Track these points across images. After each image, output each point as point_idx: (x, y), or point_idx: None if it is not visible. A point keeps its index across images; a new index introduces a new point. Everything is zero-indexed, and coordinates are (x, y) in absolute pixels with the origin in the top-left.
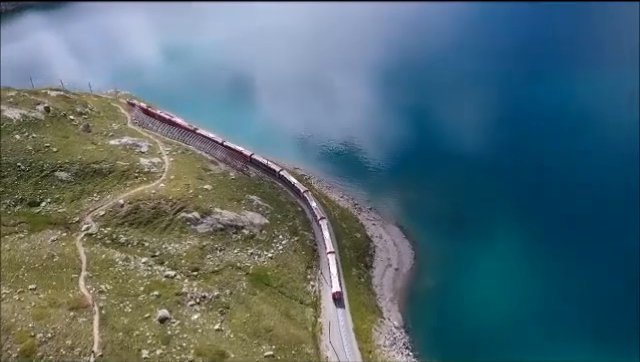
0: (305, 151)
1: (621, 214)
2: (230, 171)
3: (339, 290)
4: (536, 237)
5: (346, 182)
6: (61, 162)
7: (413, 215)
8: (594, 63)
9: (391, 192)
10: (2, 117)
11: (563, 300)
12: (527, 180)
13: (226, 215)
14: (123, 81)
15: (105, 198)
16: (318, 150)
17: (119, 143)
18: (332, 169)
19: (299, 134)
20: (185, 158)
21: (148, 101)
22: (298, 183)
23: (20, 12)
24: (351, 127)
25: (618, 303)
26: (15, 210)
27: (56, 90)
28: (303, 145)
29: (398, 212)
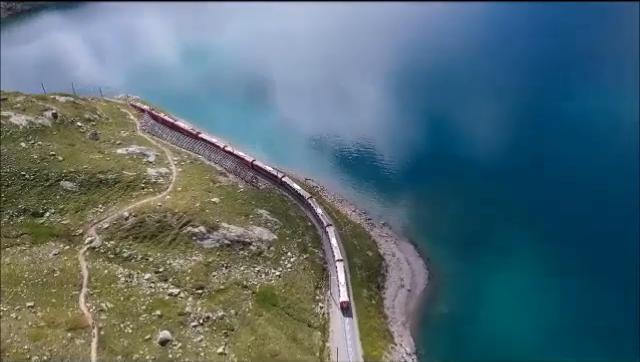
0: (318, 160)
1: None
2: (239, 183)
3: (347, 300)
4: (557, 257)
5: (359, 194)
6: (66, 171)
7: (428, 231)
8: (621, 73)
9: (405, 206)
10: (8, 123)
11: (585, 327)
12: (547, 195)
13: (233, 230)
14: (137, 83)
15: (110, 209)
16: (332, 159)
17: (126, 152)
18: (345, 179)
19: (313, 141)
20: (193, 168)
21: (160, 105)
22: (301, 189)
23: (36, 12)
24: (366, 135)
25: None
26: (18, 221)
27: (65, 95)
28: (317, 153)
29: (412, 228)
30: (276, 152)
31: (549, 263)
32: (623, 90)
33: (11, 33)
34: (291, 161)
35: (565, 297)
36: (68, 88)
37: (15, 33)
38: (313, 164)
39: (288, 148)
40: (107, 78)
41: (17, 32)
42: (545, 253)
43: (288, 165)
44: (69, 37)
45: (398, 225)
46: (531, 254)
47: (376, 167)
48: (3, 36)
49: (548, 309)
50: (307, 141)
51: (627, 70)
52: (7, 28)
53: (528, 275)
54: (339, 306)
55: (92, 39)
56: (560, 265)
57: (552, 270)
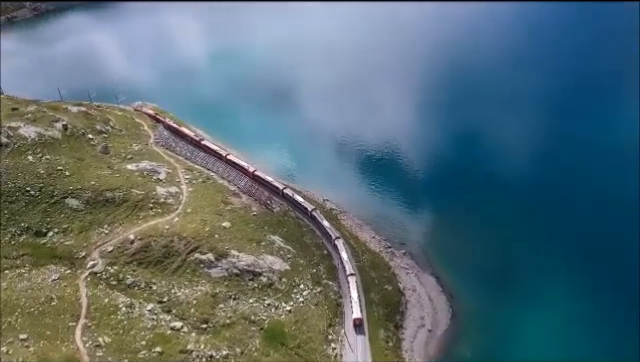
0: (339, 176)
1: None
2: (252, 205)
3: (360, 316)
4: (593, 297)
5: (380, 218)
6: (73, 188)
7: (452, 262)
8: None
9: (429, 233)
10: (17, 135)
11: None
12: (583, 226)
13: (243, 259)
14: (158, 89)
15: (115, 231)
16: (353, 176)
17: (136, 168)
18: (366, 201)
19: (335, 153)
20: (205, 188)
21: (178, 114)
22: (304, 201)
23: (61, 12)
24: (390, 148)
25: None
26: (20, 240)
27: (78, 105)
28: (338, 168)
29: (435, 258)
30: (295, 166)
31: (584, 303)
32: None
33: (36, 33)
34: (310, 176)
35: (602, 343)
36: (87, 92)
37: (39, 33)
38: (333, 181)
39: (308, 161)
40: (127, 83)
41: (41, 32)
42: (581, 291)
43: (306, 181)
44: (92, 39)
45: (420, 255)
46: (565, 293)
47: (399, 186)
48: (28, 36)
49: (582, 357)
50: (328, 153)
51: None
52: (32, 28)
53: (561, 318)
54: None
55: (116, 41)
56: (596, 305)
57: (587, 312)
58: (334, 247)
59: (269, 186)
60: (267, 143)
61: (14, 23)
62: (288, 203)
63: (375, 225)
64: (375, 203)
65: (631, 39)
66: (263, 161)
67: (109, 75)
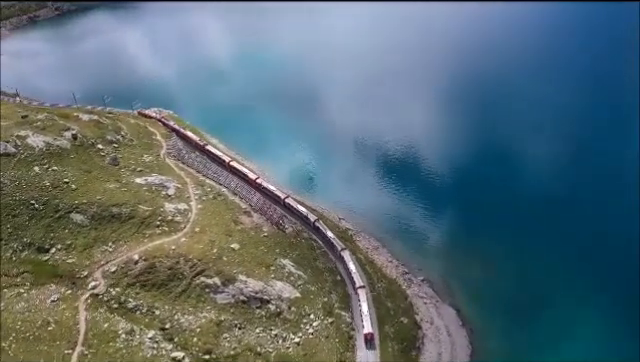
0: (357, 191)
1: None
2: (263, 225)
3: (371, 331)
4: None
5: (397, 240)
6: (78, 202)
7: (473, 293)
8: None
9: (449, 258)
10: (24, 145)
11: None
12: (621, 254)
13: (251, 284)
14: (175, 93)
15: (120, 249)
16: (371, 191)
17: (145, 182)
18: (383, 220)
19: (353, 166)
20: (215, 206)
21: (193, 122)
22: (307, 211)
23: (83, 12)
24: (411, 161)
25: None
26: (22, 256)
27: (89, 113)
28: (356, 182)
29: (456, 287)
30: (313, 179)
31: (621, 343)
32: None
33: (57, 33)
34: (327, 192)
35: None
36: (102, 97)
37: (60, 33)
38: (351, 197)
39: (327, 175)
40: (145, 87)
41: (62, 32)
42: (618, 331)
43: (323, 197)
44: (112, 40)
45: (439, 282)
46: (601, 332)
47: (420, 205)
48: (49, 36)
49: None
50: (348, 166)
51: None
52: (54, 28)
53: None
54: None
55: (136, 43)
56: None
57: (624, 352)
58: (340, 258)
59: (270, 195)
60: (285, 154)
61: (36, 23)
62: (291, 214)
63: (392, 247)
64: (393, 222)
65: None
66: (279, 173)
67: (127, 78)
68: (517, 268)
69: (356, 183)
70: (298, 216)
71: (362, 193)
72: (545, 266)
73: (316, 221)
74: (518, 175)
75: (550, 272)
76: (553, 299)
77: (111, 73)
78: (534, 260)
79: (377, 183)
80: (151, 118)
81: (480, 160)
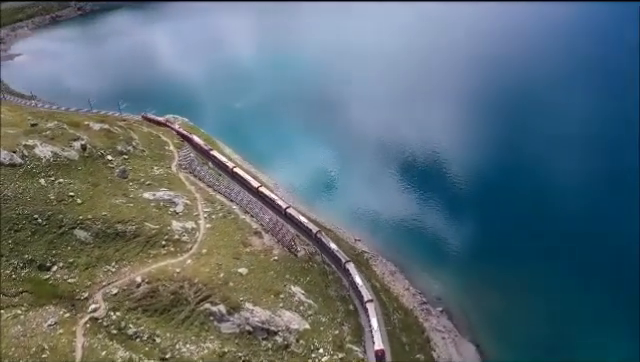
0: (374, 213)
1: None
2: (274, 247)
3: (382, 348)
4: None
5: (416, 265)
6: (83, 218)
7: (496, 328)
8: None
9: (470, 287)
10: (31, 156)
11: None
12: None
13: (258, 314)
14: (193, 98)
15: (122, 270)
16: (389, 212)
17: (153, 197)
18: (402, 242)
19: (372, 184)
20: (224, 225)
21: (209, 130)
22: (308, 222)
23: (106, 12)
24: (436, 181)
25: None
26: (22, 274)
27: (101, 121)
28: (374, 201)
29: (477, 321)
30: (331, 196)
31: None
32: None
33: (78, 34)
34: (345, 210)
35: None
36: (119, 101)
37: (81, 34)
38: (368, 216)
39: (345, 192)
40: (162, 92)
41: (83, 33)
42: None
43: (340, 215)
44: (133, 42)
45: (459, 315)
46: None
47: (441, 227)
48: (70, 36)
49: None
50: (368, 181)
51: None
52: (75, 28)
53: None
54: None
55: (157, 45)
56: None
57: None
58: (345, 271)
59: (272, 204)
60: (304, 166)
61: (58, 22)
62: (292, 224)
63: (410, 272)
64: (412, 244)
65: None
66: (295, 186)
67: (145, 82)
68: (545, 300)
69: (375, 200)
70: (302, 229)
71: (381, 211)
72: (576, 300)
73: (318, 233)
74: (548, 195)
75: (581, 306)
76: (584, 337)
77: (129, 76)
78: (564, 292)
79: (397, 201)
80: (160, 125)
81: (507, 178)
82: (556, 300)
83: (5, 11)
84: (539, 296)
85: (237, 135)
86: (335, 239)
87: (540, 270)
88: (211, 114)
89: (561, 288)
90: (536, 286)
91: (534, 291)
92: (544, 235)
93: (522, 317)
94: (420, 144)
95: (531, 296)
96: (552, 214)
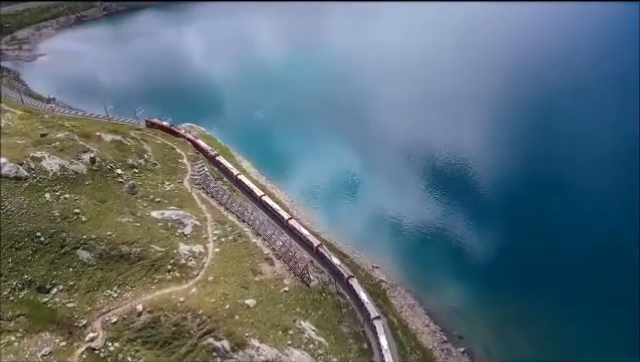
0: (395, 237)
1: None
2: (285, 276)
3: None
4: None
5: (436, 298)
6: (87, 237)
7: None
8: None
9: (495, 325)
10: (38, 169)
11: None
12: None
13: (264, 351)
14: (212, 105)
15: (124, 296)
16: (411, 236)
17: (161, 217)
18: (424, 271)
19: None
20: (234, 249)
21: (227, 138)
22: (310, 235)
23: (131, 13)
24: (461, 203)
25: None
26: (20, 296)
27: (113, 132)
28: (394, 227)
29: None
30: (349, 217)
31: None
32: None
33: (101, 34)
34: (364, 233)
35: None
36: (135, 108)
37: (105, 35)
38: (388, 241)
39: (366, 212)
40: (182, 98)
41: (107, 34)
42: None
43: (358, 239)
44: (156, 43)
45: (482, 356)
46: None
47: (465, 257)
48: (93, 37)
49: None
50: (390, 201)
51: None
52: (99, 28)
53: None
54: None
55: (179, 48)
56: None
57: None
58: (348, 287)
59: (274, 214)
60: (323, 183)
61: (83, 22)
62: (293, 235)
63: (431, 305)
64: (434, 274)
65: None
66: (312, 207)
67: (166, 86)
68: (579, 343)
69: (397, 221)
70: (300, 241)
71: (402, 233)
72: (615, 344)
73: (319, 246)
74: (585, 216)
75: (621, 350)
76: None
77: (150, 79)
78: (607, 338)
79: (419, 222)
80: (165, 130)
81: (539, 195)
82: (599, 347)
83: (31, 10)
84: (576, 339)
85: (256, 146)
86: (352, 266)
87: (578, 306)
88: (230, 123)
89: (604, 333)
90: (573, 326)
91: (569, 332)
92: (581, 265)
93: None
94: (449, 156)
95: (566, 338)
96: (589, 237)
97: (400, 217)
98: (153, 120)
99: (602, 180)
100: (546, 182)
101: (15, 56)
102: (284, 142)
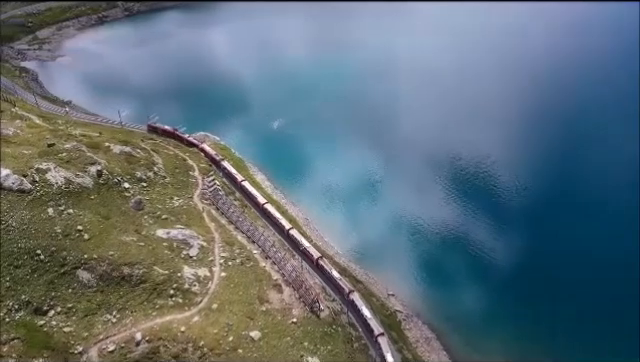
0: (415, 262)
1: None
2: (294, 306)
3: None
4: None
5: (455, 333)
6: (88, 257)
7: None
8: None
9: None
10: (42, 181)
11: None
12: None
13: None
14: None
15: (123, 322)
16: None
17: (167, 236)
18: (443, 299)
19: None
20: (241, 274)
21: (243, 151)
22: (311, 247)
23: (153, 14)
24: (489, 226)
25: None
26: (16, 317)
27: (123, 143)
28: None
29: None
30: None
31: None
32: None
33: (122, 35)
34: (383, 255)
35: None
36: (150, 115)
37: (126, 36)
38: (408, 265)
39: (388, 232)
40: (199, 105)
41: (128, 35)
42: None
43: (375, 261)
44: (177, 45)
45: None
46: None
47: (490, 291)
48: (113, 38)
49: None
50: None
51: None
52: (121, 29)
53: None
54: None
55: (201, 51)
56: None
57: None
58: (350, 304)
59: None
60: (340, 197)
61: (104, 23)
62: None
63: (449, 341)
64: (454, 305)
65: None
66: (326, 226)
67: (184, 90)
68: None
69: (417, 244)
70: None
71: (421, 258)
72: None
73: (319, 259)
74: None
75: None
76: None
77: (168, 84)
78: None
79: (441, 247)
80: (167, 134)
81: (578, 221)
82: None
83: (53, 10)
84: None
85: (272, 157)
86: (366, 294)
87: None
88: (248, 132)
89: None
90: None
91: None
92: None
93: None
94: (480, 170)
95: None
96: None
97: (421, 239)
98: (155, 124)
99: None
100: (584, 200)
101: (35, 56)
102: (303, 154)
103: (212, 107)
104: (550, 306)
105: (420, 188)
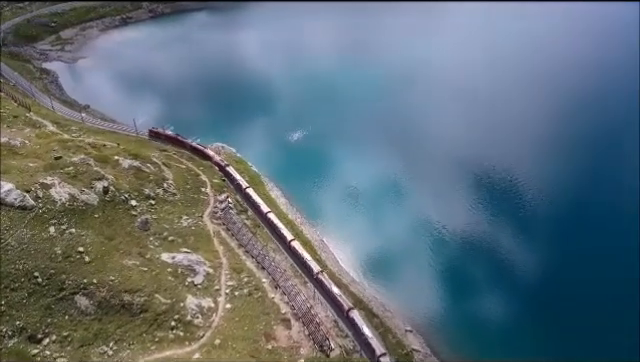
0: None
1: None
2: (302, 344)
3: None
4: None
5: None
6: (87, 281)
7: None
8: None
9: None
10: (45, 198)
11: None
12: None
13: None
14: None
15: (120, 355)
16: (456, 293)
17: (172, 261)
18: (461, 342)
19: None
20: (248, 306)
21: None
22: (311, 260)
23: (177, 15)
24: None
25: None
26: (9, 345)
27: (133, 157)
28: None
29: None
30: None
31: None
32: None
33: (146, 37)
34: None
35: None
36: (165, 124)
37: (149, 38)
38: (428, 296)
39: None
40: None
41: (151, 37)
42: None
43: (391, 293)
44: (201, 48)
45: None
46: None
47: (517, 325)
48: (139, 39)
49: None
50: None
51: None
52: (144, 30)
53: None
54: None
55: (225, 55)
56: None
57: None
58: (350, 321)
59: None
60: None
61: (128, 24)
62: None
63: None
64: (477, 345)
65: None
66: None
67: (205, 97)
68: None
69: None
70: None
71: (445, 289)
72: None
73: (319, 273)
74: None
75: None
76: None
77: (188, 90)
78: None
79: (467, 283)
80: (171, 140)
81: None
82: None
83: (77, 10)
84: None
85: (291, 173)
86: (383, 331)
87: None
88: (267, 144)
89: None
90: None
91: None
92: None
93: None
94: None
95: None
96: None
97: (447, 269)
98: (157, 130)
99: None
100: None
101: (57, 57)
102: (324, 169)
103: (232, 116)
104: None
105: (451, 215)
